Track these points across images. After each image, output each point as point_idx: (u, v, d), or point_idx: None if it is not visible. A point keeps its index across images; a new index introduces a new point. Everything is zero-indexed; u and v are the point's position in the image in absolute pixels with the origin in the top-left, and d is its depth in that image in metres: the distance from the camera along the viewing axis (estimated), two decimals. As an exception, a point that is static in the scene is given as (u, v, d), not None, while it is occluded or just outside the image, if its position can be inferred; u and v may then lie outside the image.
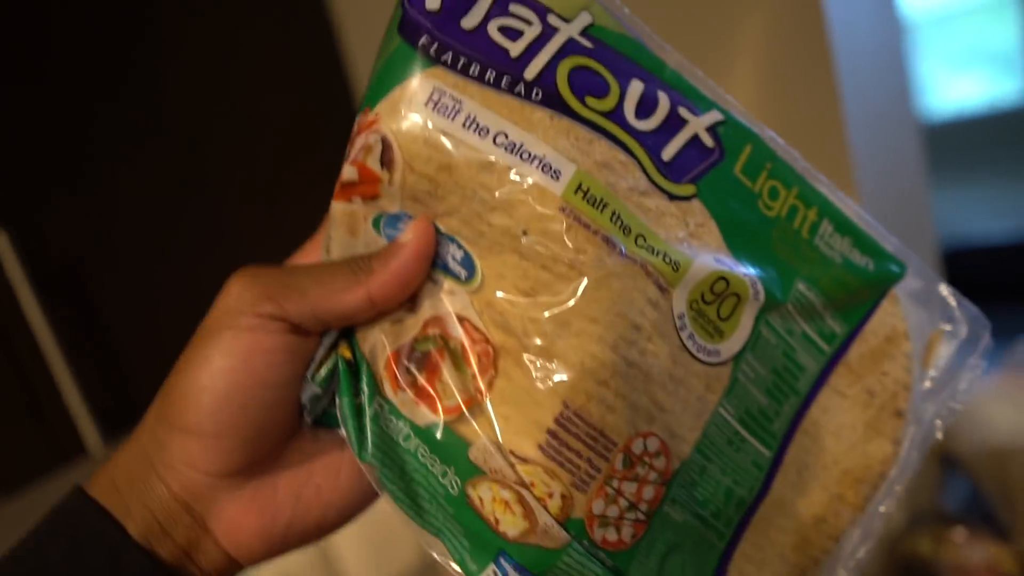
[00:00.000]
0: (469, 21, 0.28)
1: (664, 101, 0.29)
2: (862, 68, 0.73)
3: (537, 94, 0.28)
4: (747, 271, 0.29)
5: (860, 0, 0.74)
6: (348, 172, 0.28)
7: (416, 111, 0.27)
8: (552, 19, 0.28)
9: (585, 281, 0.27)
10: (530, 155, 0.27)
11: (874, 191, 0.73)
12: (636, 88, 0.29)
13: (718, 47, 0.72)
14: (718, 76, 0.30)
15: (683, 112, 0.29)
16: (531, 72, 0.28)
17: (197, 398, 0.27)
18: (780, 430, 0.31)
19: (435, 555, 0.28)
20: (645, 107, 0.29)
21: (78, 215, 0.72)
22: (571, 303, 0.27)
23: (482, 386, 0.27)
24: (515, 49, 0.28)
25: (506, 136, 0.27)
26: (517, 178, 0.27)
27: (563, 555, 0.27)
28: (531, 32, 0.28)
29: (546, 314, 0.27)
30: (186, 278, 0.78)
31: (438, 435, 0.28)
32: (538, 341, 0.27)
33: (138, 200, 0.76)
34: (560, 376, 0.27)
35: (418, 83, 0.27)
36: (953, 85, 1.37)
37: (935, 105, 1.32)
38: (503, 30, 0.28)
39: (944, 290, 0.33)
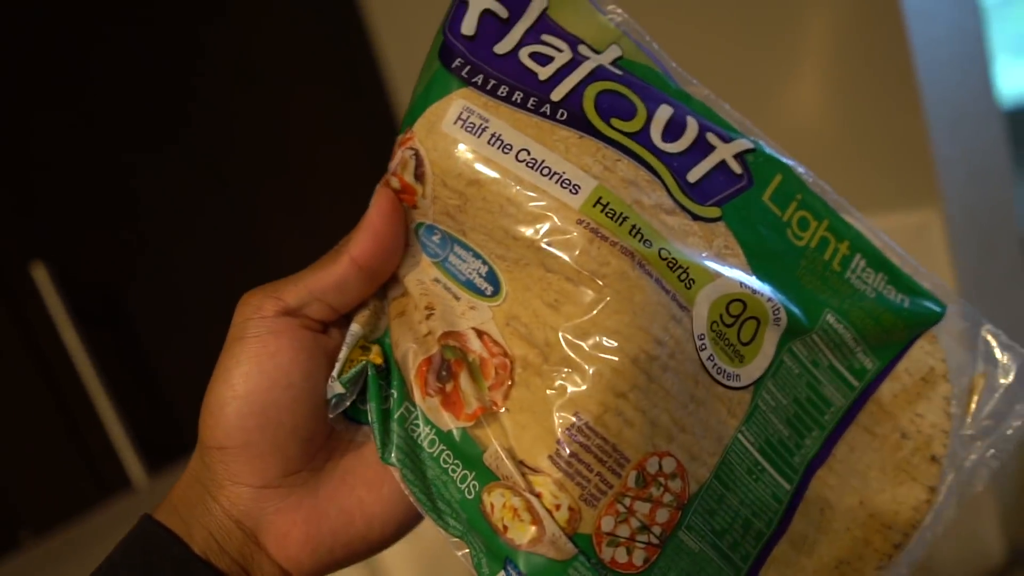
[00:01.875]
0: (502, 47, 0.29)
1: (692, 125, 0.29)
2: (941, 59, 0.68)
3: (562, 115, 0.29)
4: (768, 294, 0.29)
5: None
6: (392, 182, 0.30)
7: (446, 128, 0.29)
8: (583, 49, 0.30)
9: (607, 293, 0.27)
10: (550, 171, 0.28)
11: (958, 191, 0.69)
12: (664, 112, 0.29)
13: (781, 41, 0.67)
14: (782, 74, 0.30)
15: (711, 138, 0.30)
16: (558, 94, 0.29)
17: (223, 411, 0.29)
18: (801, 464, 0.30)
19: (461, 557, 0.29)
20: (672, 130, 0.29)
21: (114, 245, 0.73)
22: (593, 314, 0.27)
23: (498, 396, 0.28)
24: (544, 73, 0.29)
25: (528, 153, 0.28)
26: (538, 193, 0.28)
27: (569, 568, 0.27)
28: (561, 58, 0.29)
29: (568, 325, 0.27)
30: (228, 306, 0.77)
31: (456, 437, 0.28)
32: (559, 352, 0.27)
33: (175, 228, 0.77)
34: (576, 386, 0.27)
35: (449, 102, 0.29)
36: (1011, 72, 1.27)
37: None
38: (534, 56, 0.29)
39: (988, 332, 0.31)
